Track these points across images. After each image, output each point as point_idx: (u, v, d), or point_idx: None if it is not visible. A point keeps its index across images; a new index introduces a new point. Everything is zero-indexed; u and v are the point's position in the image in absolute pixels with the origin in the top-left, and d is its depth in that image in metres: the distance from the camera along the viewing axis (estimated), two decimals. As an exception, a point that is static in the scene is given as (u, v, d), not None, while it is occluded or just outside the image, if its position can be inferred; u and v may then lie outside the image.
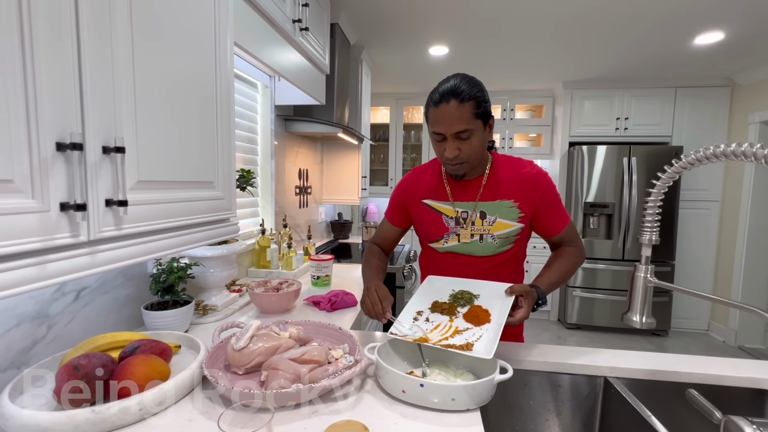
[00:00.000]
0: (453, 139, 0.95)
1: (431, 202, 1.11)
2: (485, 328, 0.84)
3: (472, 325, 0.86)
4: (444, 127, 0.94)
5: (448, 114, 0.92)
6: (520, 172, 1.06)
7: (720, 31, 2.38)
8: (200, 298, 1.26)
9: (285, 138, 2.15)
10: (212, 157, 0.88)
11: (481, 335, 0.82)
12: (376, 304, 0.95)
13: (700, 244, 3.52)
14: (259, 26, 1.25)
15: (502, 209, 1.05)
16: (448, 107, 0.92)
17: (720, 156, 0.56)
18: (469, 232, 1.07)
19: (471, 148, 0.96)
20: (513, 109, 3.91)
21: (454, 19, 2.27)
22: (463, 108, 0.91)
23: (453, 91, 0.92)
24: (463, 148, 0.96)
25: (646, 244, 0.70)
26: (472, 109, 0.92)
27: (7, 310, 0.76)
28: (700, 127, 3.44)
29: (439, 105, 0.93)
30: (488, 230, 1.06)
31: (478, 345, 0.79)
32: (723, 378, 0.90)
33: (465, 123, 0.92)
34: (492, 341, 0.78)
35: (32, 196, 0.49)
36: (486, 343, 0.79)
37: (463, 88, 0.91)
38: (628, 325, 0.69)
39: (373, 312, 0.95)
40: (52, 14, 0.50)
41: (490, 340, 0.79)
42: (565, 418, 0.96)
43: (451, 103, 0.91)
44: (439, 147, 0.99)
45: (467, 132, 0.94)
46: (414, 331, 0.86)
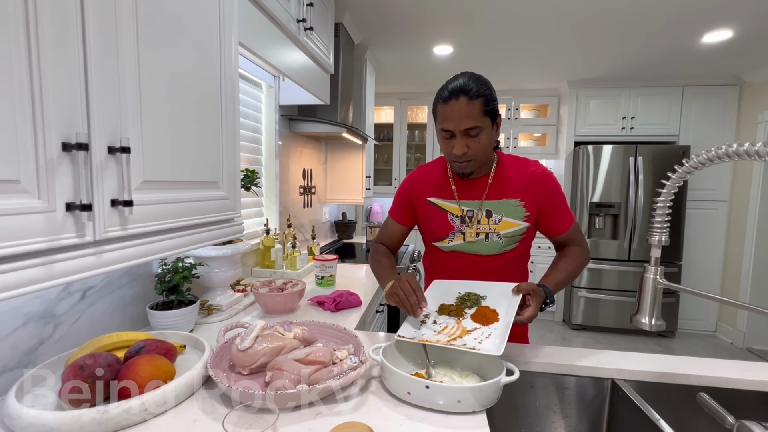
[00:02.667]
0: (462, 136, 0.95)
1: (437, 200, 1.11)
2: (494, 327, 0.84)
3: (480, 325, 0.85)
4: (453, 124, 0.94)
5: (457, 111, 0.93)
6: (526, 172, 1.05)
7: (729, 29, 2.35)
8: (205, 298, 1.26)
9: (289, 138, 2.15)
10: (217, 157, 0.88)
11: (489, 334, 0.81)
12: (410, 294, 0.89)
13: (707, 244, 3.48)
14: (264, 26, 1.25)
15: (508, 208, 1.04)
16: (458, 104, 0.92)
17: (732, 155, 0.55)
18: (475, 231, 1.06)
19: (479, 145, 0.96)
20: (518, 108, 3.89)
21: (459, 18, 2.26)
22: (472, 105, 0.92)
23: (462, 88, 0.92)
24: (471, 145, 0.96)
25: (655, 245, 0.69)
26: (481, 107, 0.92)
27: (14, 309, 0.76)
28: (708, 127, 3.40)
29: (449, 102, 0.93)
30: (494, 229, 1.05)
31: (486, 343, 0.78)
32: (733, 381, 0.88)
33: (474, 120, 0.93)
34: (501, 339, 0.77)
35: (38, 196, 0.49)
36: (494, 340, 0.78)
37: (472, 86, 0.92)
38: (636, 327, 0.68)
39: (408, 303, 0.89)
40: (58, 15, 0.50)
41: (499, 338, 0.78)
42: (571, 421, 0.95)
43: (461, 100, 0.92)
44: (447, 144, 0.99)
45: (476, 129, 0.94)
46: (422, 333, 0.85)
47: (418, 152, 4.24)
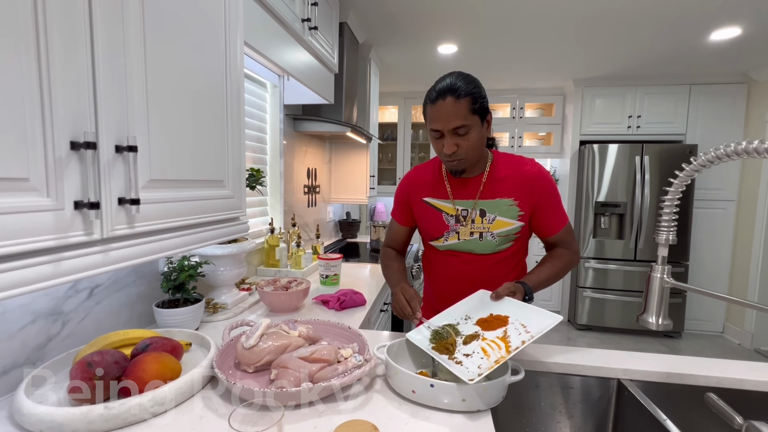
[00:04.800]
0: (451, 135, 0.96)
1: (432, 200, 1.12)
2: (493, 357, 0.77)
3: (488, 330, 0.84)
4: (441, 124, 0.95)
5: (444, 110, 0.94)
6: (521, 170, 1.06)
7: (737, 27, 2.32)
8: (210, 297, 1.27)
9: (294, 137, 2.16)
10: (222, 156, 0.88)
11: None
12: (404, 306, 0.98)
13: (714, 244, 3.44)
14: (269, 25, 1.25)
15: (502, 207, 1.05)
16: (445, 104, 0.93)
17: (741, 153, 0.54)
18: (469, 230, 1.07)
19: (469, 143, 0.97)
20: (522, 107, 3.86)
21: (464, 16, 2.25)
22: (459, 104, 0.93)
23: (449, 88, 0.93)
24: (461, 143, 0.97)
25: (662, 243, 0.68)
26: (468, 105, 0.93)
27: (22, 306, 0.77)
28: (716, 125, 3.36)
29: (436, 102, 0.95)
30: (488, 228, 1.06)
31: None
32: (741, 382, 0.87)
33: (462, 119, 0.94)
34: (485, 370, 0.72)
35: (47, 194, 0.50)
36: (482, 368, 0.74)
37: (459, 85, 0.93)
38: (643, 326, 0.67)
39: (403, 314, 0.98)
40: (66, 15, 0.51)
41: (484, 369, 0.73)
42: (576, 421, 0.95)
43: (448, 99, 0.93)
44: (438, 144, 1.00)
45: (464, 127, 0.95)
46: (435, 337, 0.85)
47: (423, 152, 4.23)
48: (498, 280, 1.07)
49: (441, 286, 1.16)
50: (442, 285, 1.15)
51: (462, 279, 1.10)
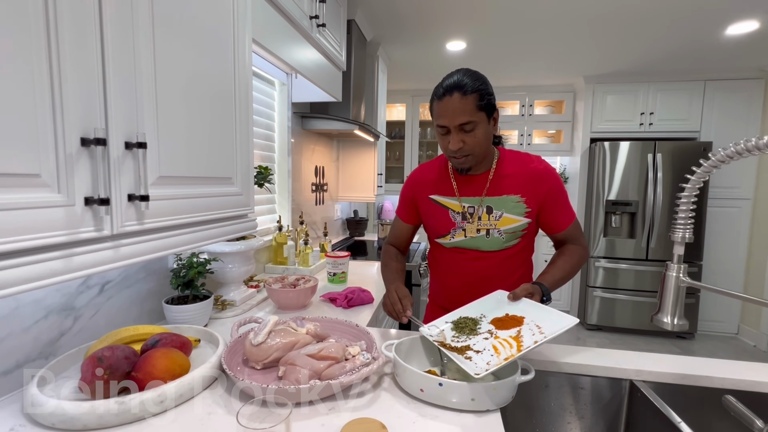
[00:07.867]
0: (457, 131, 0.95)
1: (438, 197, 1.11)
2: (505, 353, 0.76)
3: (506, 330, 0.83)
4: (447, 120, 0.95)
5: (451, 106, 0.93)
6: (528, 167, 1.05)
7: (755, 20, 2.26)
8: (219, 293, 1.27)
9: (301, 135, 2.16)
10: (231, 154, 0.88)
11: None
12: (395, 303, 0.98)
13: (729, 243, 3.37)
14: (277, 23, 1.25)
15: (509, 204, 1.04)
16: (452, 100, 0.93)
17: (763, 149, 0.53)
18: (475, 227, 1.06)
19: (475, 140, 0.96)
20: (532, 104, 3.82)
21: (473, 13, 2.23)
22: (466, 100, 0.92)
23: (456, 84, 0.93)
24: (467, 140, 0.96)
25: (678, 242, 0.67)
26: (475, 101, 0.93)
27: (35, 302, 0.78)
28: (731, 122, 3.28)
29: (443, 98, 0.94)
30: (495, 225, 1.05)
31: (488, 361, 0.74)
32: (758, 384, 0.85)
33: (468, 115, 0.93)
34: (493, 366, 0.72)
35: (58, 190, 0.50)
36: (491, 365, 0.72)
37: (466, 81, 0.93)
38: (655, 327, 0.66)
39: (393, 311, 0.97)
40: (77, 12, 0.51)
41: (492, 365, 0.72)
42: (587, 421, 0.93)
43: (454, 95, 0.92)
44: (444, 140, 1.00)
45: (471, 124, 0.94)
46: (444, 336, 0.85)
47: (430, 149, 4.21)
48: (505, 277, 1.06)
49: (447, 283, 1.15)
50: (449, 282, 1.15)
51: (469, 276, 1.09)
